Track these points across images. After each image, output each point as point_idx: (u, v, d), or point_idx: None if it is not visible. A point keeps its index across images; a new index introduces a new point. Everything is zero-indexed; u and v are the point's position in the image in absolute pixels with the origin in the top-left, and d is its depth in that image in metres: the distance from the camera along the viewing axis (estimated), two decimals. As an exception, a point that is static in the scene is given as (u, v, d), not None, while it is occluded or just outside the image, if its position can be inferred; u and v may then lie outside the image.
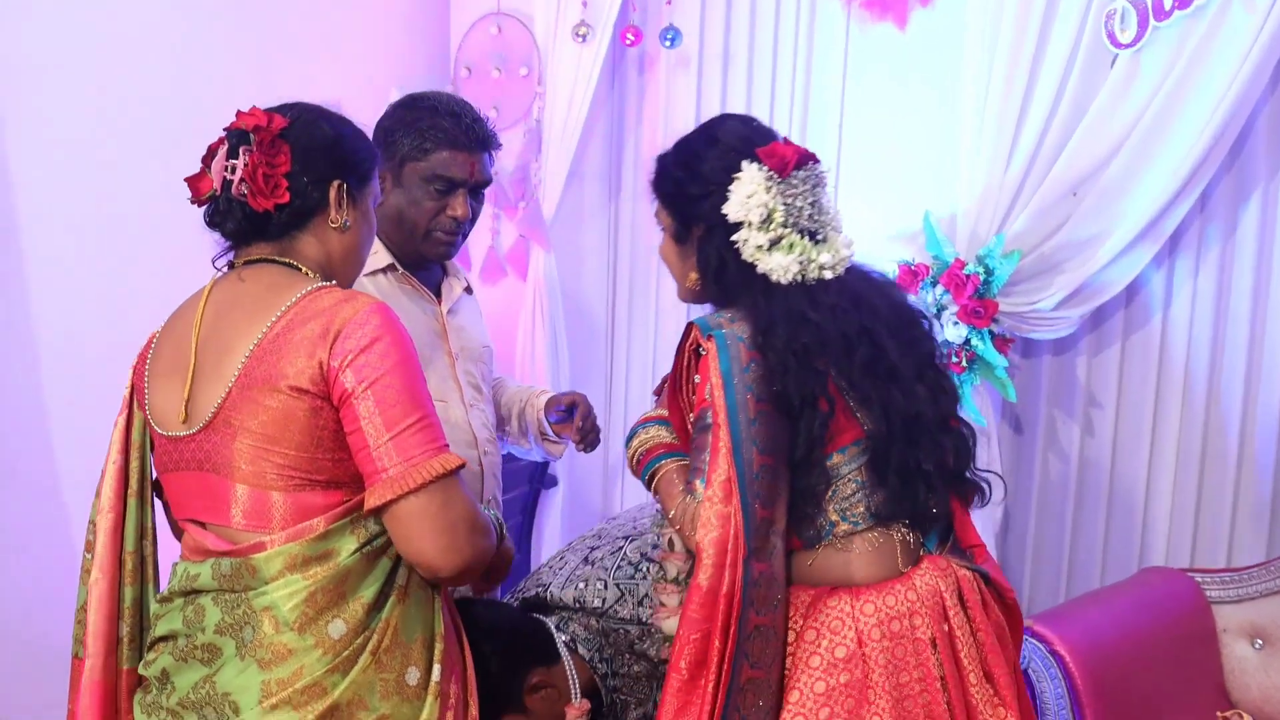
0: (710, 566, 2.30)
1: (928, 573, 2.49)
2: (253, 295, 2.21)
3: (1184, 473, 3.98)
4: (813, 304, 2.43)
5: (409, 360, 2.16)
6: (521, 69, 4.70)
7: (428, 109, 2.98)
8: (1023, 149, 3.84)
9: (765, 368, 2.36)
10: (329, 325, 2.12)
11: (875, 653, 2.39)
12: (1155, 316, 3.99)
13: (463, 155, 2.96)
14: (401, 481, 2.10)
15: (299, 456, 2.14)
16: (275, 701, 2.11)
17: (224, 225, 2.26)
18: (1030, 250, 3.87)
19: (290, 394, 2.11)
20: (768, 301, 2.42)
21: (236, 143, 2.22)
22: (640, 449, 2.61)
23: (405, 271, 3.01)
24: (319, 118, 2.31)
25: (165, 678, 2.22)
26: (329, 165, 2.27)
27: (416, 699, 2.20)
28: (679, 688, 2.34)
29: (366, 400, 2.10)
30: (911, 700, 2.40)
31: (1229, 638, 3.68)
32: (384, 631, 2.18)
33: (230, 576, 2.16)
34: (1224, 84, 3.59)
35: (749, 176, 2.42)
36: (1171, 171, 3.67)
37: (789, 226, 2.43)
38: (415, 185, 2.95)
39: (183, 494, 2.27)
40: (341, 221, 2.28)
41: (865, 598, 2.43)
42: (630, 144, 4.87)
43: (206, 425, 2.18)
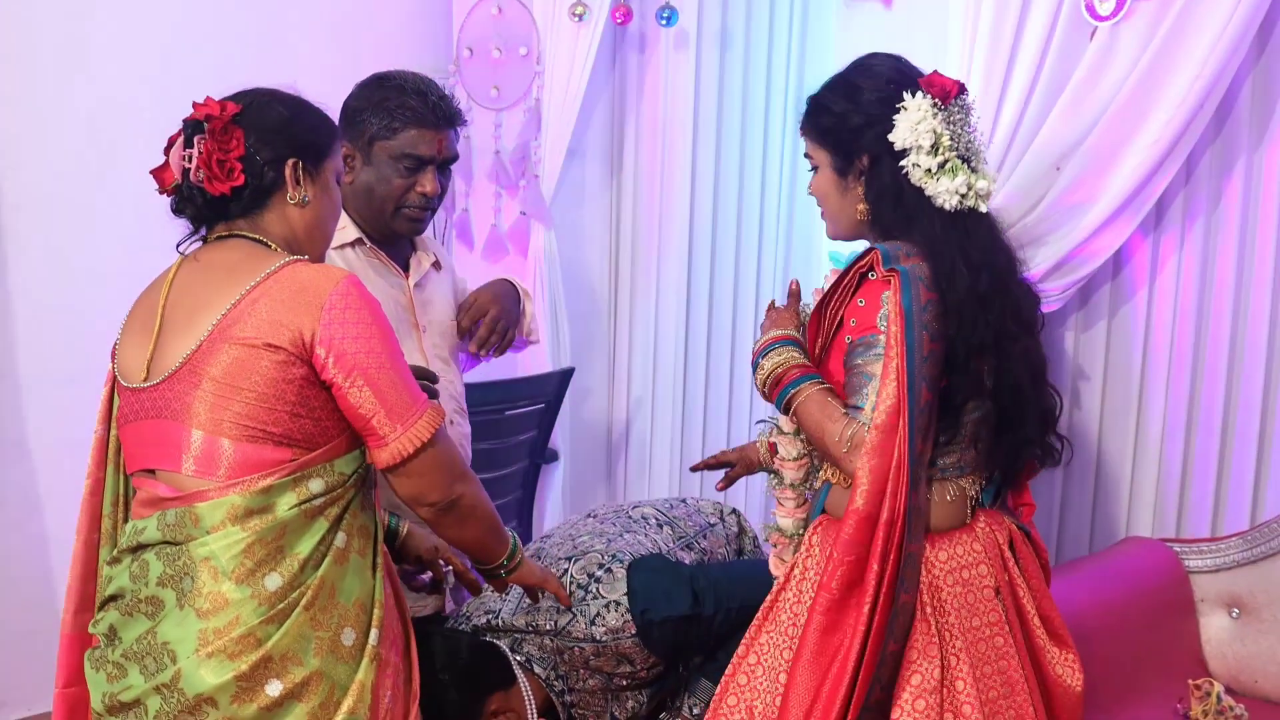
0: (867, 492, 2.41)
1: (987, 524, 2.63)
2: (230, 260, 2.33)
3: (1170, 444, 3.99)
4: (974, 243, 2.54)
5: (385, 329, 2.31)
6: (521, 49, 4.76)
7: (395, 88, 3.04)
8: (1005, 123, 3.86)
9: (942, 309, 2.46)
10: (311, 296, 2.24)
11: (949, 599, 2.52)
12: (1141, 289, 4.00)
13: (430, 133, 3.03)
14: (404, 444, 2.29)
15: (258, 408, 2.24)
16: (211, 650, 2.20)
17: (186, 211, 2.38)
18: (1014, 223, 3.87)
19: (264, 349, 2.22)
20: (945, 235, 2.52)
21: (191, 132, 2.32)
22: (775, 370, 2.66)
23: (374, 246, 3.07)
24: (272, 100, 2.40)
25: (113, 633, 2.32)
26: (283, 145, 2.37)
27: (351, 660, 2.30)
28: (828, 606, 2.45)
29: (357, 377, 2.25)
30: (985, 643, 2.53)
31: (1207, 607, 3.70)
32: (319, 589, 2.27)
33: (174, 526, 2.26)
34: (1203, 55, 3.58)
35: (915, 104, 2.54)
36: (1151, 143, 3.67)
37: (952, 152, 2.54)
38: (385, 163, 3.02)
39: (138, 443, 2.37)
40: (300, 198, 2.38)
41: (939, 545, 2.56)
42: (631, 122, 4.91)
43: (172, 374, 2.28)
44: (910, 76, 2.61)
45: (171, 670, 2.20)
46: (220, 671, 2.19)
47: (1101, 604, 3.54)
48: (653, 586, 3.13)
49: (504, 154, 4.82)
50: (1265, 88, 3.77)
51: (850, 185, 2.63)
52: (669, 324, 4.93)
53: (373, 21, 4.78)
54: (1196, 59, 3.59)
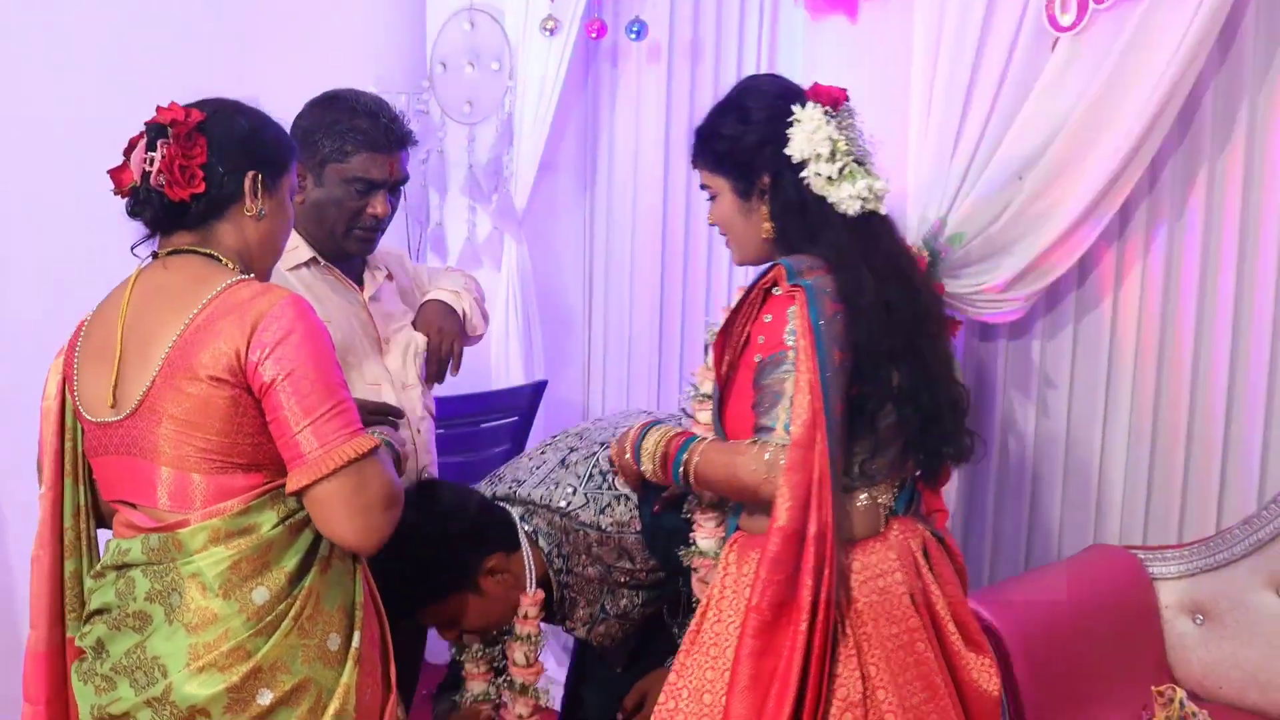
0: (791, 508, 2.39)
1: (899, 532, 2.62)
2: (176, 285, 2.32)
3: (1135, 451, 4.01)
4: (879, 248, 2.56)
5: (323, 350, 2.27)
6: (493, 63, 4.80)
7: (346, 109, 3.04)
8: (968, 133, 3.88)
9: (849, 318, 2.47)
10: (245, 318, 2.23)
11: (865, 608, 2.51)
12: (1107, 298, 4.02)
13: (381, 156, 3.04)
14: (318, 466, 2.22)
15: (220, 441, 2.25)
16: (202, 664, 2.22)
17: (143, 214, 2.36)
18: (978, 232, 3.90)
19: (210, 383, 2.22)
20: (850, 243, 2.53)
21: (155, 136, 2.31)
22: (659, 447, 2.68)
23: (327, 264, 3.10)
24: (236, 112, 2.41)
25: (100, 647, 2.34)
26: (244, 157, 2.37)
27: (337, 664, 2.32)
28: (759, 628, 2.42)
29: (284, 389, 2.21)
30: (904, 651, 2.52)
31: (1170, 614, 3.72)
32: (306, 599, 2.29)
33: (158, 550, 2.27)
34: (1163, 64, 3.59)
35: (808, 115, 2.56)
36: (1113, 151, 3.68)
37: (849, 156, 2.57)
38: (336, 185, 3.03)
39: (112, 477, 2.38)
40: (257, 210, 2.38)
41: (854, 554, 2.55)
42: (604, 136, 4.95)
43: (133, 412, 2.28)
44: (795, 90, 2.64)
45: (162, 684, 2.22)
46: (211, 684, 2.21)
47: (1066, 610, 3.56)
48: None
49: (477, 168, 4.85)
50: (1227, 95, 3.79)
51: (754, 206, 2.63)
52: (643, 336, 4.96)
53: (345, 36, 4.82)
54: (1157, 67, 3.61)
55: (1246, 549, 3.64)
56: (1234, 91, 3.78)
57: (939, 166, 3.92)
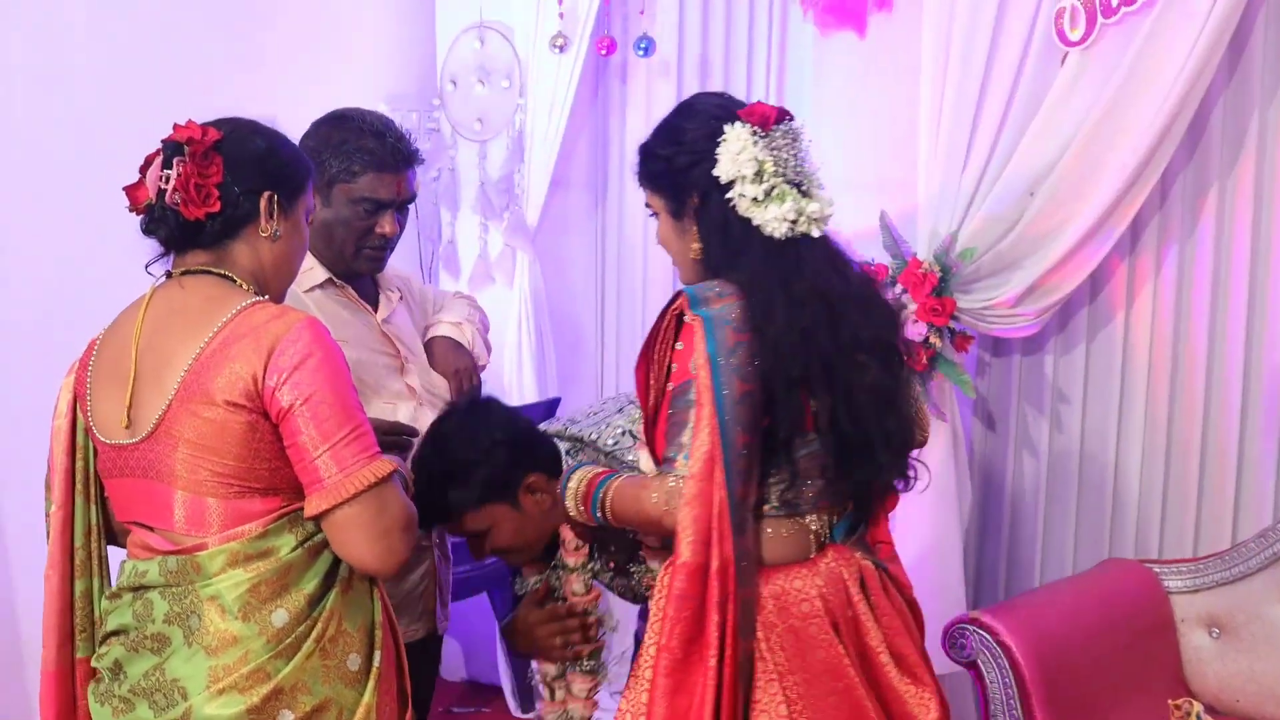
0: (693, 543, 2.34)
1: (833, 560, 2.54)
2: (191, 307, 2.30)
3: (1150, 465, 4.01)
4: (803, 271, 2.48)
5: (340, 374, 2.26)
6: (504, 81, 4.81)
7: (354, 129, 3.03)
8: (978, 148, 3.89)
9: (756, 349, 2.40)
10: (262, 342, 2.21)
11: (784, 634, 2.45)
12: (1119, 313, 4.02)
13: (389, 176, 3.03)
14: (337, 491, 2.21)
15: (237, 466, 2.23)
16: (222, 686, 2.21)
17: (158, 232, 2.34)
18: (988, 248, 3.91)
19: (226, 408, 2.20)
20: (766, 268, 2.47)
21: (171, 154, 2.29)
22: (579, 486, 2.63)
23: (341, 284, 3.10)
24: (253, 132, 2.39)
25: (118, 668, 2.32)
26: (260, 177, 2.35)
27: (358, 683, 2.31)
28: (670, 667, 2.37)
29: (303, 414, 2.20)
30: (822, 680, 2.45)
31: (1186, 627, 3.71)
32: (329, 621, 2.28)
33: (176, 572, 2.26)
34: (1171, 77, 3.61)
35: (735, 135, 2.49)
36: (1121, 165, 3.70)
37: (779, 178, 2.49)
38: (344, 205, 3.02)
39: (127, 499, 2.37)
40: (272, 231, 2.36)
41: (771, 580, 2.48)
42: (615, 152, 4.96)
43: (149, 435, 2.27)
44: (732, 110, 2.56)
45: (182, 706, 2.22)
46: (232, 705, 2.20)
47: (1081, 625, 3.56)
48: None
49: (488, 185, 4.86)
50: (1237, 109, 3.80)
51: (686, 226, 2.58)
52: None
53: (357, 54, 4.83)
54: (1166, 81, 3.62)
55: (1262, 562, 3.63)
56: (1244, 105, 3.79)
57: (949, 181, 3.93)
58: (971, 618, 3.46)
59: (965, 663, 3.46)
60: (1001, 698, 3.38)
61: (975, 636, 3.42)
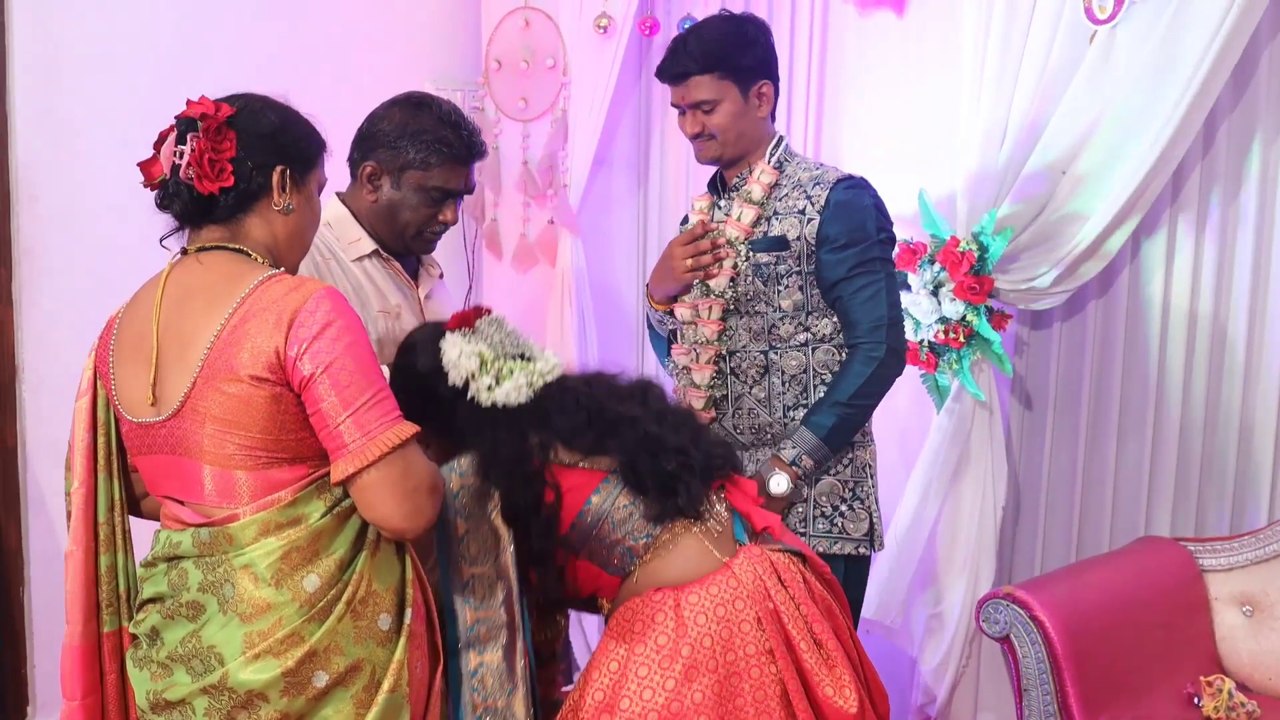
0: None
1: (745, 560, 2.67)
2: (210, 284, 2.35)
3: (1187, 443, 4.02)
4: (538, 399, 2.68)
5: (360, 341, 2.30)
6: (548, 60, 4.84)
7: (433, 119, 3.10)
8: (1014, 127, 3.90)
9: (483, 488, 2.63)
10: (282, 314, 2.26)
11: (700, 636, 2.57)
12: (1158, 291, 4.03)
13: (461, 168, 3.13)
14: (362, 454, 2.26)
15: (263, 438, 2.29)
16: (257, 651, 2.26)
17: (172, 207, 2.40)
18: (1024, 226, 3.93)
19: (251, 383, 2.26)
20: (494, 427, 2.65)
21: (184, 129, 2.35)
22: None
23: (387, 257, 3.16)
24: (265, 107, 2.44)
25: (155, 634, 2.38)
26: (273, 151, 2.40)
27: (389, 642, 2.36)
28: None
29: (324, 382, 2.25)
30: (739, 675, 2.57)
31: (1220, 605, 3.72)
32: (358, 584, 2.33)
33: (209, 543, 2.32)
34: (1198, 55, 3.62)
35: (450, 343, 2.70)
36: (1149, 145, 3.72)
37: (499, 360, 2.68)
38: (413, 191, 3.10)
39: (157, 475, 2.42)
40: (284, 205, 2.41)
41: (690, 590, 2.63)
42: (657, 132, 4.99)
43: (175, 413, 2.32)
44: (438, 327, 2.78)
45: (219, 672, 2.27)
46: (267, 669, 2.25)
47: (1115, 602, 3.58)
48: None
49: (532, 164, 4.90)
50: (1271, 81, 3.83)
51: (443, 446, 2.72)
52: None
53: (403, 34, 4.88)
54: (1193, 58, 3.64)
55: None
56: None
57: (987, 160, 3.94)
58: (1006, 592, 3.49)
59: (999, 637, 3.49)
60: (1035, 672, 3.41)
61: (1009, 611, 3.46)
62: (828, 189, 3.25)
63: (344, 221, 3.14)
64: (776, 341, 3.30)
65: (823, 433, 3.21)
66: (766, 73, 3.34)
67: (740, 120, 3.30)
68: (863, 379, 3.21)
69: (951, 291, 3.95)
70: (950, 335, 3.96)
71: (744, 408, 3.33)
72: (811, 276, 3.26)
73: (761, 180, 3.30)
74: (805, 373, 3.30)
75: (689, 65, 3.29)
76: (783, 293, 3.26)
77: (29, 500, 3.95)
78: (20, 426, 3.93)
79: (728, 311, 3.30)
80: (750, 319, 3.29)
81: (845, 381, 3.23)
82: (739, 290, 3.27)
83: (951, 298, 3.95)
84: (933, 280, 3.99)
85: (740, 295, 3.28)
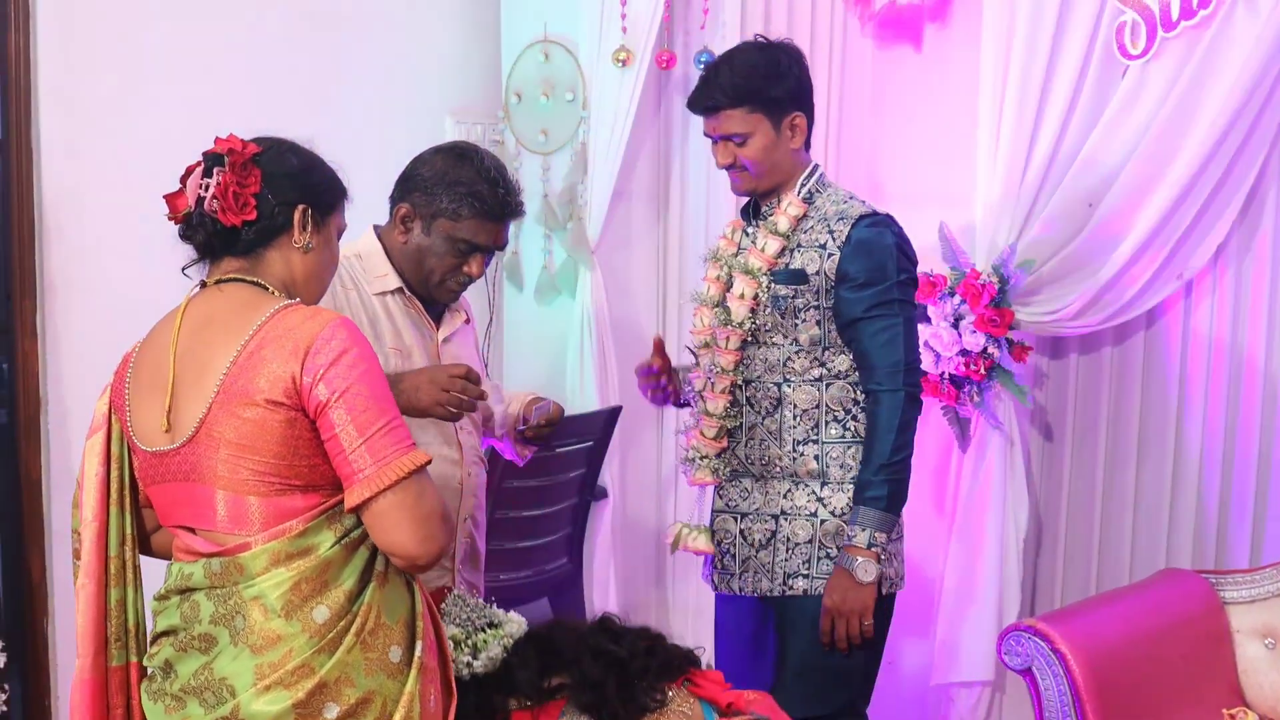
0: None
1: None
2: (227, 312, 2.38)
3: (1207, 476, 4.03)
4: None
5: (373, 370, 2.33)
6: (568, 94, 4.87)
7: (471, 171, 3.11)
8: (1037, 160, 3.93)
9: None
10: (299, 342, 2.28)
11: None
12: (1177, 323, 4.06)
13: (492, 225, 3.13)
14: (376, 480, 2.27)
15: (277, 464, 2.30)
16: (268, 683, 2.27)
17: (195, 238, 2.43)
18: (1047, 259, 3.95)
19: (266, 407, 2.28)
20: (463, 697, 2.69)
21: (211, 164, 2.39)
22: None
23: (411, 296, 3.18)
24: (289, 150, 2.48)
25: (168, 667, 2.39)
26: (296, 190, 2.44)
27: (400, 674, 2.37)
28: None
29: (339, 409, 2.27)
30: None
31: (1242, 638, 3.71)
32: (367, 615, 2.34)
33: (220, 574, 2.33)
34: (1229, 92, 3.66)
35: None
36: (1178, 179, 3.74)
37: (474, 633, 2.83)
38: (441, 239, 3.11)
39: (170, 504, 2.44)
40: (304, 243, 2.45)
41: None
42: (676, 165, 5.00)
43: (190, 439, 2.34)
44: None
45: (231, 704, 2.28)
46: (278, 701, 2.26)
47: (1138, 635, 3.57)
48: None
49: (552, 197, 4.93)
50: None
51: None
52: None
53: (423, 67, 4.91)
54: (1225, 90, 3.67)
55: (1319, 573, 3.65)
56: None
57: (1008, 193, 3.96)
58: (1028, 625, 3.48)
59: (1021, 669, 3.49)
60: (1057, 705, 3.40)
61: (1031, 643, 3.45)
62: (850, 225, 3.20)
63: (374, 255, 3.16)
64: (790, 375, 3.26)
65: (882, 504, 3.14)
66: (799, 104, 3.29)
67: (772, 153, 3.26)
68: (894, 432, 3.15)
69: (972, 324, 3.96)
70: (971, 367, 3.97)
71: (756, 438, 3.30)
72: (830, 312, 3.23)
73: (788, 212, 3.27)
74: (817, 408, 3.26)
75: (719, 98, 3.25)
76: (800, 327, 3.23)
77: (53, 532, 3.96)
78: (45, 459, 3.94)
79: (745, 342, 3.30)
80: (767, 350, 3.27)
81: (879, 441, 3.17)
82: (758, 321, 3.27)
83: (972, 330, 3.96)
84: (953, 313, 4.00)
85: (759, 326, 3.28)
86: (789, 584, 3.23)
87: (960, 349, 4.01)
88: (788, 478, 3.27)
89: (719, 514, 3.35)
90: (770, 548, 3.25)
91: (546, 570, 4.63)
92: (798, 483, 3.25)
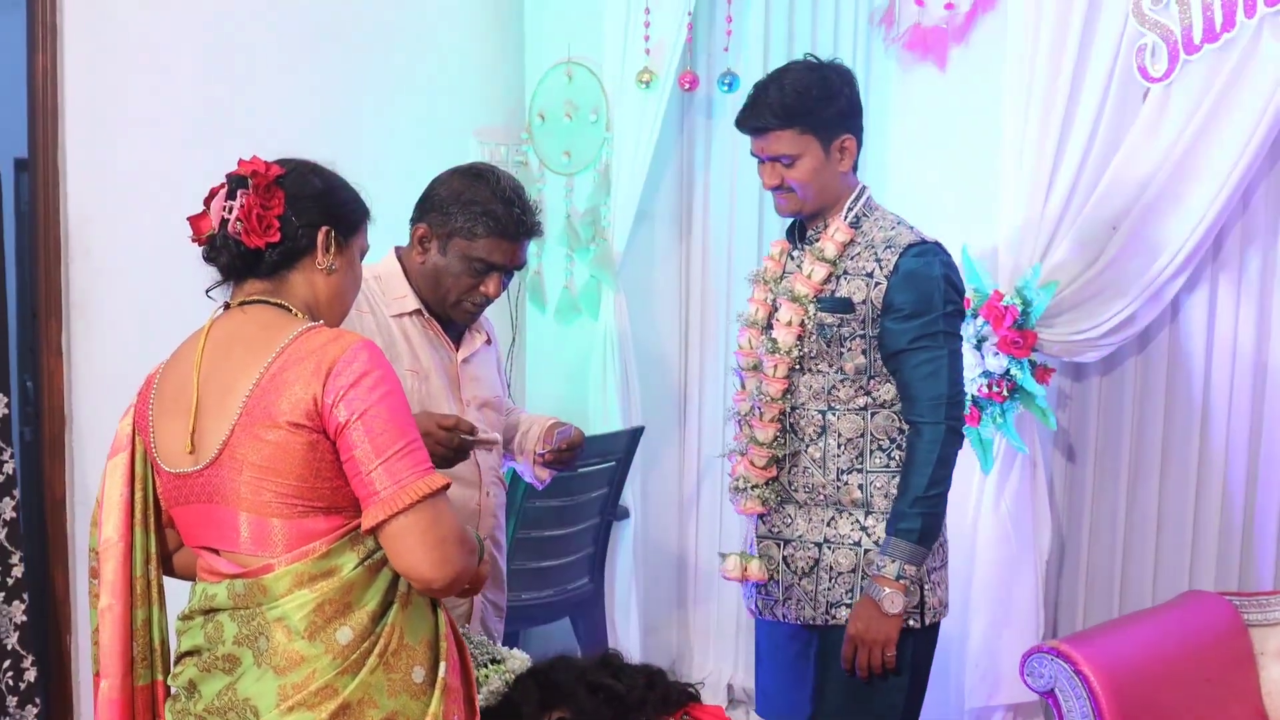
0: None
1: None
2: (251, 333, 2.39)
3: (1231, 496, 4.02)
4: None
5: (395, 391, 2.33)
6: (591, 114, 4.90)
7: (486, 191, 3.12)
8: (1061, 182, 3.93)
9: None
10: (321, 363, 2.29)
11: None
12: (1200, 344, 4.04)
13: (507, 244, 3.12)
14: (393, 502, 2.27)
15: (299, 486, 2.31)
16: (291, 704, 2.28)
17: (218, 260, 2.43)
18: (1070, 282, 3.95)
19: (289, 429, 2.28)
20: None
21: (235, 186, 2.40)
22: None
23: (430, 318, 3.19)
24: (312, 172, 2.49)
25: (192, 688, 2.40)
26: (319, 212, 2.44)
27: (423, 695, 2.37)
28: None
29: (358, 429, 2.27)
30: None
31: (1266, 660, 3.70)
32: (390, 636, 2.34)
33: (244, 595, 2.34)
34: (1254, 113, 3.66)
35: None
36: (1204, 201, 3.74)
37: (477, 668, 2.86)
38: (457, 259, 3.11)
39: (194, 525, 2.44)
40: (328, 265, 2.45)
41: None
42: (699, 186, 5.02)
43: (213, 461, 2.34)
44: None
45: None
46: None
47: (1160, 656, 3.57)
48: None
49: (575, 217, 4.95)
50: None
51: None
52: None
53: (447, 87, 4.94)
54: (1248, 115, 3.67)
55: (1344, 595, 3.64)
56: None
57: (1031, 215, 3.97)
58: (1050, 646, 3.48)
59: (1044, 691, 3.48)
60: (1079, 727, 3.40)
61: (1054, 665, 3.44)
62: (898, 254, 3.14)
63: (393, 277, 3.17)
64: (835, 403, 3.21)
65: (914, 537, 3.08)
66: (849, 126, 3.22)
67: (821, 175, 3.18)
68: (931, 465, 3.10)
69: (995, 345, 3.96)
70: (994, 389, 3.97)
71: (800, 465, 3.25)
72: (875, 341, 3.17)
73: (836, 239, 3.21)
74: (862, 437, 3.21)
75: (768, 119, 3.18)
76: (845, 355, 3.18)
77: (76, 549, 3.98)
78: (69, 478, 3.96)
79: (791, 370, 3.25)
80: (812, 377, 3.23)
81: (916, 474, 3.11)
82: (804, 349, 3.25)
83: (995, 352, 3.96)
84: (976, 335, 4.00)
85: (805, 354, 3.25)
86: (831, 613, 3.19)
87: (983, 370, 4.00)
88: (831, 505, 3.23)
89: (762, 539, 3.31)
90: (813, 575, 3.22)
91: (568, 590, 4.64)
92: (841, 511, 3.21)
